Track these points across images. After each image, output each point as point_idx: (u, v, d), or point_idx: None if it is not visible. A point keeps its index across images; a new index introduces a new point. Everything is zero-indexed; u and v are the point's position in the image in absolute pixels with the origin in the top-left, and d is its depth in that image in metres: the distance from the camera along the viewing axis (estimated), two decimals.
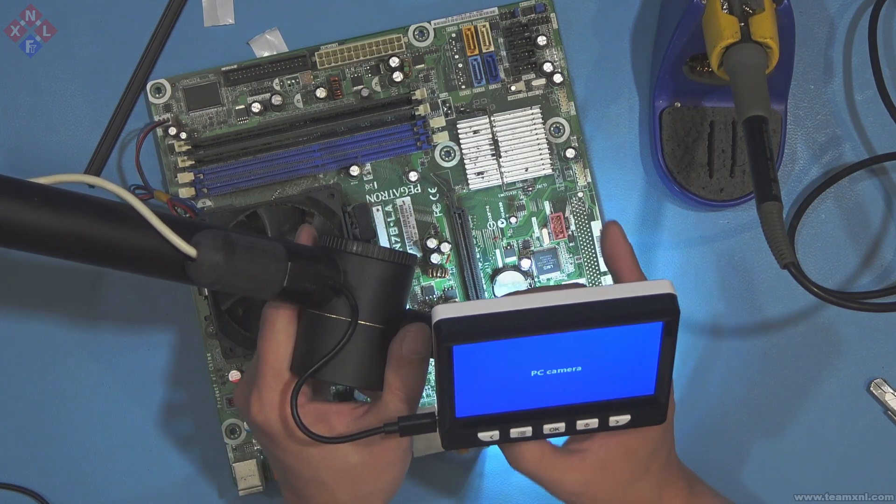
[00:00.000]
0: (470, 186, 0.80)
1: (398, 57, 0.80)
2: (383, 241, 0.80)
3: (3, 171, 0.80)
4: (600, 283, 0.80)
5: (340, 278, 0.64)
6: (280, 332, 0.66)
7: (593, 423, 0.63)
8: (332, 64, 0.81)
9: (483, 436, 0.63)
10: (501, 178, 0.80)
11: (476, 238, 0.80)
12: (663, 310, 0.59)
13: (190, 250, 0.59)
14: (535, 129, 0.80)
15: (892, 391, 0.79)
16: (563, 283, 0.80)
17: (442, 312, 0.58)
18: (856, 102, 0.81)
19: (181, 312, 0.81)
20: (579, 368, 0.61)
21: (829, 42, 0.82)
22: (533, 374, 0.60)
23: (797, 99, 0.82)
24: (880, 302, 0.79)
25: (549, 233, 0.80)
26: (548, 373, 0.60)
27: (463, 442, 0.63)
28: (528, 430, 0.62)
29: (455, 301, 0.79)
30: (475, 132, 0.81)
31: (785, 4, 0.72)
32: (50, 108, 0.82)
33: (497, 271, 0.80)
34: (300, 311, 0.67)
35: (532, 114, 0.80)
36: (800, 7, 0.81)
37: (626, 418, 0.63)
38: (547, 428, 0.62)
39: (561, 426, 0.62)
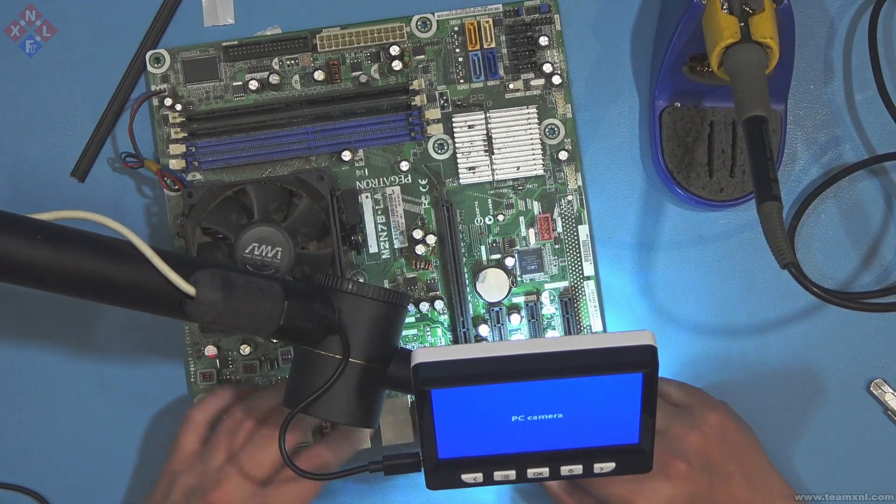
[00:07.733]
0: (460, 180, 0.80)
1: (399, 46, 0.80)
2: (369, 229, 0.79)
3: (3, 171, 0.81)
4: (583, 287, 0.79)
5: (335, 317, 0.65)
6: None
7: (577, 469, 0.63)
8: (333, 48, 0.81)
9: (467, 478, 0.63)
10: (492, 174, 0.80)
11: (462, 232, 0.80)
12: (642, 361, 0.58)
13: (189, 289, 0.60)
14: (530, 128, 0.80)
15: (892, 391, 0.79)
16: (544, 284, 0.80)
17: (421, 356, 0.59)
18: (856, 102, 0.81)
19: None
20: (560, 415, 0.60)
21: (829, 42, 0.82)
22: (514, 419, 0.61)
23: (797, 99, 0.81)
24: (880, 302, 0.78)
25: (535, 233, 0.80)
26: (529, 418, 0.61)
27: (447, 482, 0.64)
28: (511, 474, 0.63)
29: (433, 345, 0.79)
30: (470, 127, 0.80)
31: (785, 4, 0.72)
32: (50, 108, 0.82)
33: (481, 267, 0.79)
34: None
35: (528, 113, 0.80)
36: (800, 7, 0.81)
37: (610, 466, 0.63)
38: (531, 472, 0.63)
39: (545, 471, 0.63)
